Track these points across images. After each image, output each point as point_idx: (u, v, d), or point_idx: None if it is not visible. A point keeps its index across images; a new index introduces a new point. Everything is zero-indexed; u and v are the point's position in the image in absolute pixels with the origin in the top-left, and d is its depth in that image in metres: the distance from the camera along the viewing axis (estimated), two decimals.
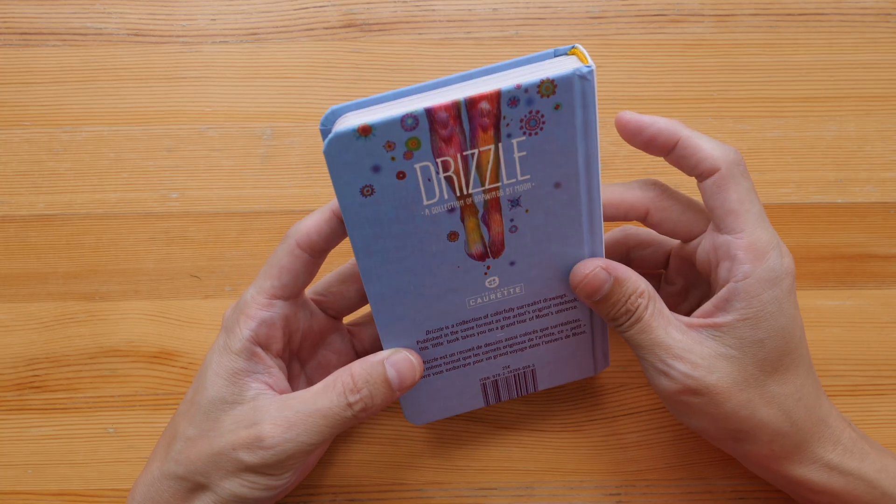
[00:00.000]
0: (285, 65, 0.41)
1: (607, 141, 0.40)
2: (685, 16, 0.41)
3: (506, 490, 0.38)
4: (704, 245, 0.31)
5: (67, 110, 0.41)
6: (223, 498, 0.30)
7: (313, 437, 0.30)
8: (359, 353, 0.37)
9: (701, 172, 0.30)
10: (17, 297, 0.40)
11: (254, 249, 0.40)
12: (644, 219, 0.33)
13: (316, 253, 0.32)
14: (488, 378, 0.34)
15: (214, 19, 0.41)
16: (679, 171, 0.39)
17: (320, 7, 0.41)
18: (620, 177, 0.40)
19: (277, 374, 0.32)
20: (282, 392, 0.32)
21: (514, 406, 0.39)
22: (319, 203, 0.40)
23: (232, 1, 0.42)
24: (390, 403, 0.32)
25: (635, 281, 0.31)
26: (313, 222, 0.32)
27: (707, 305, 0.31)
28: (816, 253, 0.39)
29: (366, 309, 0.38)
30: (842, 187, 0.40)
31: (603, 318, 0.32)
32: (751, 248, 0.29)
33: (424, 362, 0.33)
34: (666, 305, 0.32)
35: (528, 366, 0.34)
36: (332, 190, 0.40)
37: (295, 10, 0.41)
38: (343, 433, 0.38)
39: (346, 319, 0.38)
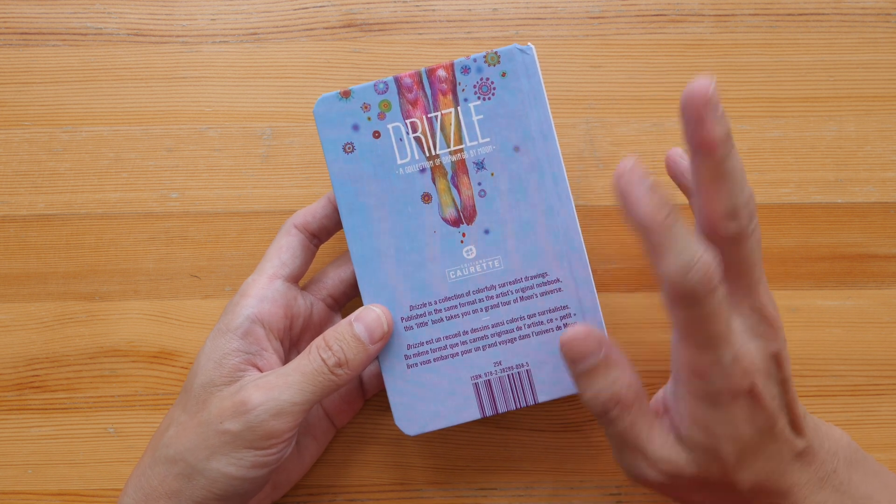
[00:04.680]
0: (285, 65, 0.41)
1: (607, 141, 0.40)
2: (685, 16, 0.41)
3: (506, 490, 0.38)
4: None
5: (67, 110, 0.41)
6: (211, 479, 0.30)
7: (295, 395, 0.30)
8: None
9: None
10: (17, 297, 0.40)
11: (254, 249, 0.40)
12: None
13: (311, 234, 0.35)
14: (480, 377, 0.34)
15: (214, 19, 0.41)
16: None
17: (320, 7, 0.41)
18: None
19: (270, 357, 0.33)
20: None
21: None
22: None
23: (232, 1, 0.42)
24: (369, 359, 0.32)
25: (624, 372, 0.30)
26: (308, 207, 0.35)
27: (670, 396, 0.31)
28: (816, 253, 0.39)
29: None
30: (842, 187, 0.40)
31: (583, 401, 0.31)
32: (687, 366, 0.29)
33: (410, 346, 0.34)
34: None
35: (522, 364, 0.34)
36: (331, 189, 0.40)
37: (295, 10, 0.41)
38: (343, 433, 0.38)
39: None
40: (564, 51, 0.41)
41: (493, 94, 0.33)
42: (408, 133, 0.33)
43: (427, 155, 0.33)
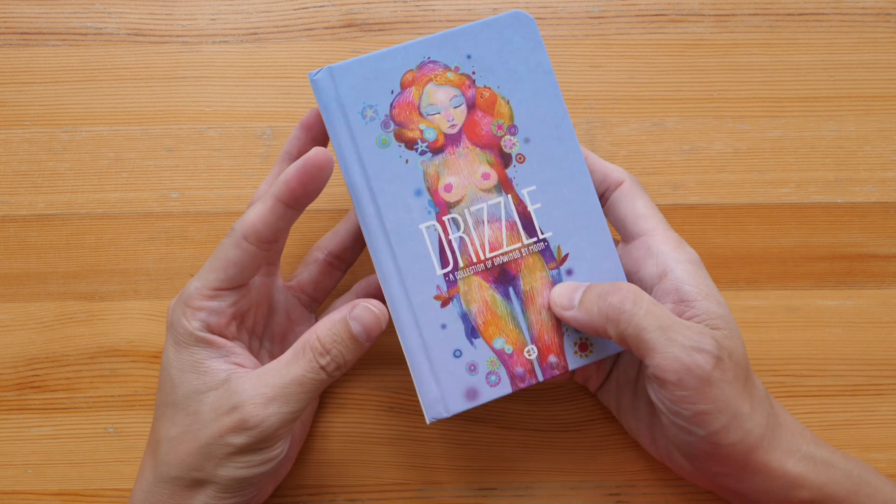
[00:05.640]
0: (285, 65, 0.41)
1: (607, 141, 0.40)
2: (685, 16, 0.41)
3: (506, 490, 0.38)
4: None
5: (67, 110, 0.41)
6: (223, 484, 0.30)
7: (294, 406, 0.30)
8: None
9: (609, 185, 0.34)
10: (17, 297, 0.40)
11: None
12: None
13: (263, 244, 0.31)
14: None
15: (214, 19, 0.41)
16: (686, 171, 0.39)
17: (320, 7, 0.41)
18: None
19: (240, 351, 0.32)
20: (252, 367, 0.32)
21: (514, 406, 0.39)
22: (318, 203, 0.40)
23: (232, 1, 0.42)
24: (362, 354, 0.32)
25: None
26: (257, 213, 0.31)
27: (668, 304, 0.32)
28: (816, 253, 0.39)
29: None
30: (842, 187, 0.40)
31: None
32: (670, 240, 0.33)
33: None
34: None
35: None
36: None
37: (295, 10, 0.41)
38: (343, 433, 0.38)
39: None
40: (564, 51, 0.41)
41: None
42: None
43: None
